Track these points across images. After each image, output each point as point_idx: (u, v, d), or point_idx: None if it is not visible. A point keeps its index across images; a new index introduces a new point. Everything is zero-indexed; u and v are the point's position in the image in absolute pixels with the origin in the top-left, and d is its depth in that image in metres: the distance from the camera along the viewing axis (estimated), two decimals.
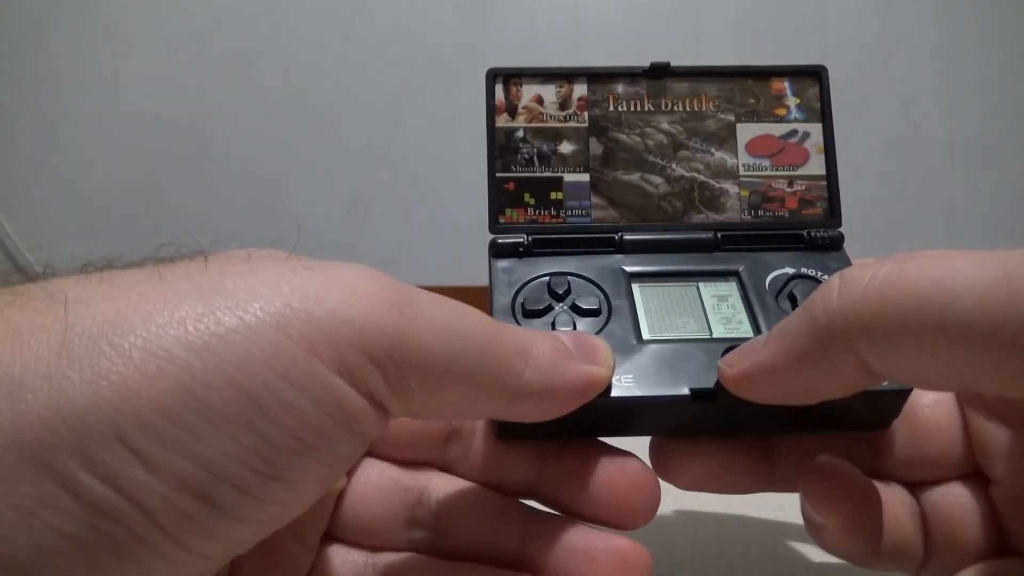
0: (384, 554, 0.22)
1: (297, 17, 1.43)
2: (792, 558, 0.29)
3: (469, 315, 0.18)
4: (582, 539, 0.21)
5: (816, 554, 0.29)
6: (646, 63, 0.27)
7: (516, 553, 0.22)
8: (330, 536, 0.23)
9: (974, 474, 0.23)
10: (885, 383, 0.20)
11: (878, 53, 1.39)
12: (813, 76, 0.28)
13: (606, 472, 0.21)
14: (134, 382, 0.13)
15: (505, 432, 0.22)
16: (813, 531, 0.22)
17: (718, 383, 0.21)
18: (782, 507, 0.32)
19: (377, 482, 0.23)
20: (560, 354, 0.19)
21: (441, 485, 0.23)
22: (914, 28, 1.38)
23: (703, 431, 0.23)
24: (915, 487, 0.24)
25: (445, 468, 0.24)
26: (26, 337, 0.13)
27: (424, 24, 1.42)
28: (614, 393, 0.21)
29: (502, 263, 0.26)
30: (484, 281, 0.26)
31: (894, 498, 0.23)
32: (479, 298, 0.26)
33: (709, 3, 1.40)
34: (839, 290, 0.17)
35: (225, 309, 0.14)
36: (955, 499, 0.23)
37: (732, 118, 0.28)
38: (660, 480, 0.23)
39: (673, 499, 0.32)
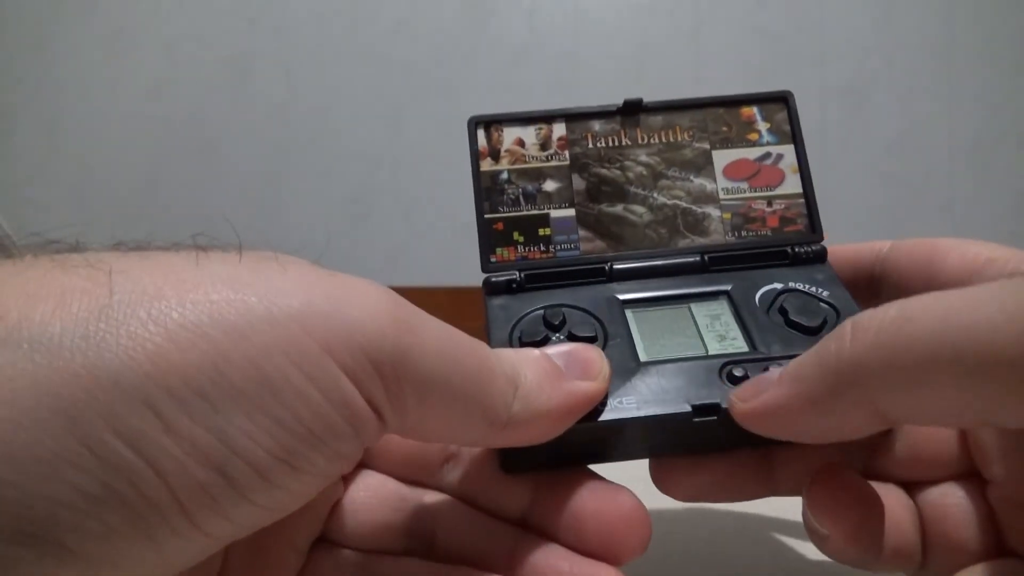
0: (378, 556, 0.23)
1: (297, 18, 1.43)
2: (792, 558, 0.29)
3: (466, 342, 0.19)
4: (568, 559, 0.21)
5: (815, 554, 0.29)
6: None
7: (507, 560, 0.22)
8: (326, 540, 0.23)
9: (971, 474, 0.23)
10: None
11: (878, 53, 1.39)
12: (780, 101, 0.29)
13: (597, 503, 0.22)
14: (166, 351, 0.14)
15: (510, 466, 0.22)
16: (816, 539, 0.22)
17: (718, 404, 0.21)
18: (782, 507, 0.32)
19: (377, 490, 0.24)
20: (548, 378, 0.20)
21: (437, 497, 0.24)
22: (914, 28, 1.38)
23: (709, 447, 0.23)
24: (911, 486, 0.24)
25: (440, 490, 0.24)
26: (68, 299, 0.14)
27: (424, 24, 1.42)
28: (617, 416, 0.21)
29: (497, 300, 0.26)
30: (482, 281, 0.26)
31: (893, 500, 0.23)
32: (477, 298, 0.26)
33: (709, 3, 1.40)
34: (851, 339, 0.17)
35: (254, 298, 0.15)
36: (951, 500, 0.23)
37: (707, 146, 0.28)
38: (660, 491, 0.23)
39: (673, 499, 0.32)
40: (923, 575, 0.23)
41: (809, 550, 0.29)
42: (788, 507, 0.31)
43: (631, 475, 0.24)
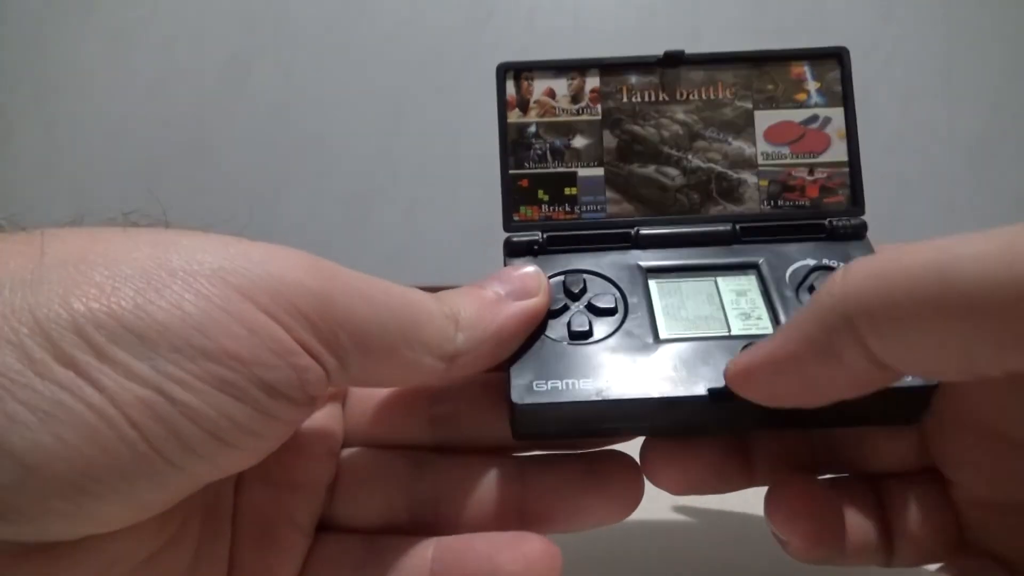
0: (383, 535, 0.23)
1: (297, 17, 1.43)
2: (791, 558, 0.29)
3: (393, 287, 0.20)
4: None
5: None
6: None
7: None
8: (332, 525, 0.23)
9: (933, 467, 0.23)
10: (908, 379, 0.20)
11: (878, 53, 1.39)
12: (834, 58, 0.27)
13: None
14: (94, 294, 0.16)
15: (522, 434, 0.22)
16: (778, 542, 0.22)
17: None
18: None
19: (371, 468, 0.24)
20: (487, 305, 0.21)
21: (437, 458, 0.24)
22: (914, 28, 1.38)
23: (722, 430, 0.23)
24: (877, 478, 0.24)
25: (436, 445, 0.24)
26: (6, 259, 0.16)
27: (424, 24, 1.42)
28: (630, 395, 0.21)
29: (517, 263, 0.25)
30: (503, 241, 0.26)
31: (855, 498, 0.23)
32: None
33: (709, 3, 1.40)
34: (843, 276, 0.17)
35: (175, 256, 0.17)
36: (913, 493, 0.23)
37: (750, 105, 0.27)
38: (651, 483, 0.23)
39: (672, 499, 0.32)
40: (893, 564, 0.23)
41: None
42: None
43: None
